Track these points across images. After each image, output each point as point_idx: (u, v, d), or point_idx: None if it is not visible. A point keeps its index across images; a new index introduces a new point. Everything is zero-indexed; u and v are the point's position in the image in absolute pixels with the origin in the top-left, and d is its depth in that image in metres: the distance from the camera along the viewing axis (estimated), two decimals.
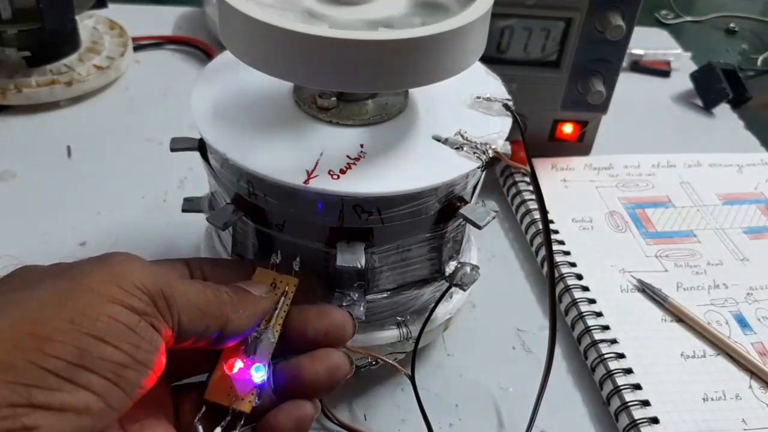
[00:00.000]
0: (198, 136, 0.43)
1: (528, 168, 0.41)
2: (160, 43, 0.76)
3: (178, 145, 0.43)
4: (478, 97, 0.42)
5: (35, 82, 0.65)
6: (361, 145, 0.38)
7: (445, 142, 0.39)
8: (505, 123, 0.41)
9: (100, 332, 0.27)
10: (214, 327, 0.32)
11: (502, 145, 0.39)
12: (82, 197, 0.57)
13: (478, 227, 0.39)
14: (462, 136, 0.39)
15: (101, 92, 0.69)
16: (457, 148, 0.39)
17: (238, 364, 0.33)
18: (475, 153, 0.38)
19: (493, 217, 0.40)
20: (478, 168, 0.38)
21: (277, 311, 0.35)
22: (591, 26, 0.56)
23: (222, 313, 0.32)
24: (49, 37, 0.65)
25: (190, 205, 0.46)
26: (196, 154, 0.43)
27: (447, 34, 0.34)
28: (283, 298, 0.36)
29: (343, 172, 0.36)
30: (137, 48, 0.74)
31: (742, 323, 0.51)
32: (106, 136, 0.64)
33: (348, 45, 0.33)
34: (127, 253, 0.32)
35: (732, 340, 0.49)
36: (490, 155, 0.38)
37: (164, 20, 0.81)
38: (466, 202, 0.40)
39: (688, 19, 0.97)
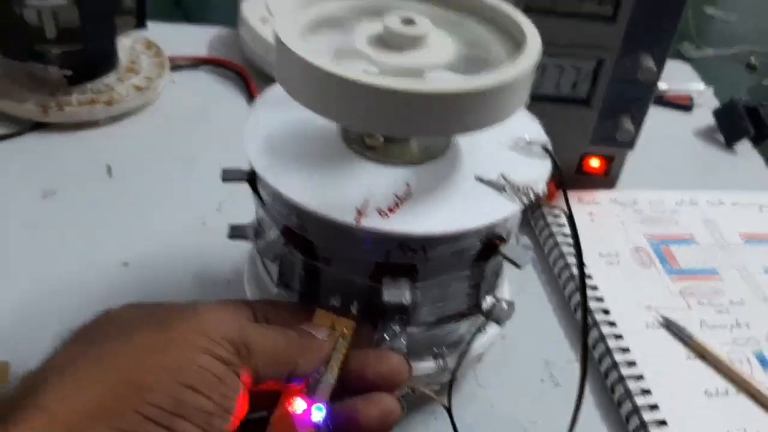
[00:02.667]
0: (246, 167, 0.44)
1: (567, 210, 0.42)
2: (195, 63, 0.78)
3: (230, 176, 0.45)
4: (519, 140, 0.44)
5: (76, 100, 0.67)
6: (408, 185, 0.39)
7: (488, 183, 0.41)
8: (545, 166, 0.42)
9: (193, 382, 0.29)
10: (285, 371, 0.34)
11: (542, 187, 0.41)
12: (123, 217, 0.59)
13: (519, 267, 0.40)
14: (504, 178, 0.41)
15: (139, 111, 0.70)
16: (499, 190, 0.40)
17: (300, 404, 0.35)
18: (516, 195, 0.40)
19: (532, 258, 0.41)
20: (521, 210, 0.40)
21: (335, 353, 0.37)
22: (622, 67, 0.58)
23: (292, 358, 0.34)
24: (90, 56, 0.66)
25: (237, 232, 0.47)
26: None
27: (494, 88, 0.35)
28: (341, 340, 0.37)
29: (391, 211, 0.38)
30: (173, 68, 0.76)
31: (764, 362, 0.52)
32: (144, 156, 0.66)
33: (396, 94, 0.34)
34: (211, 304, 0.34)
35: (754, 379, 0.50)
36: (532, 198, 0.40)
37: (199, 40, 0.83)
38: (506, 241, 0.42)
39: (710, 52, 0.98)
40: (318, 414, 0.35)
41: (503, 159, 0.43)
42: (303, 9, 0.41)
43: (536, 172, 0.42)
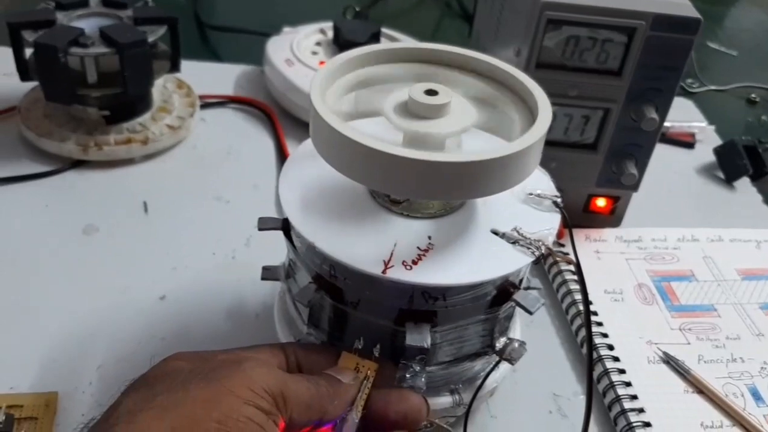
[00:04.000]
0: (274, 213, 0.48)
1: (574, 260, 0.46)
2: (223, 102, 0.82)
3: (266, 225, 0.49)
4: (530, 194, 0.48)
5: (113, 140, 0.71)
6: (429, 237, 0.44)
7: (503, 236, 0.44)
8: (555, 219, 0.46)
9: (240, 431, 0.33)
10: (316, 418, 0.38)
11: (552, 240, 0.45)
12: (159, 252, 0.63)
13: (530, 313, 0.45)
14: (518, 232, 0.45)
15: (172, 149, 0.75)
16: (513, 243, 0.44)
17: None
18: (529, 248, 0.44)
19: (542, 304, 0.45)
20: (532, 262, 0.44)
21: (359, 393, 0.41)
22: (627, 116, 0.62)
23: (323, 406, 0.39)
24: (127, 98, 0.70)
25: (269, 274, 0.52)
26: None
27: (511, 156, 0.39)
28: (365, 381, 0.41)
29: (414, 263, 0.42)
30: (203, 106, 0.80)
31: (756, 396, 0.56)
32: (177, 193, 0.70)
33: (420, 165, 0.38)
34: (254, 356, 0.39)
35: (746, 412, 0.54)
36: (543, 251, 0.44)
37: (225, 78, 0.87)
38: (518, 288, 0.46)
39: (712, 88, 1.02)
40: None
41: (516, 212, 0.47)
42: (336, 78, 0.45)
43: (546, 226, 0.45)
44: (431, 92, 0.43)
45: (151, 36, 0.68)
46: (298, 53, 0.82)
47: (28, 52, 0.69)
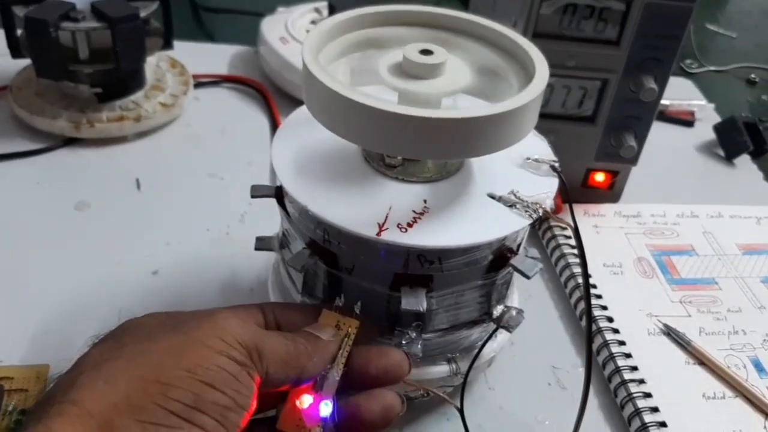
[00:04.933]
0: (273, 184, 0.48)
1: (573, 224, 0.45)
2: (217, 81, 0.81)
3: (258, 192, 0.48)
4: (528, 158, 0.47)
5: (106, 117, 0.70)
6: (425, 201, 0.43)
7: (499, 199, 0.44)
8: (552, 183, 0.46)
9: (211, 380, 0.33)
10: (294, 375, 0.37)
11: (550, 204, 0.44)
12: (152, 228, 0.62)
13: (527, 277, 0.44)
14: (515, 195, 0.44)
15: (165, 127, 0.74)
16: (510, 206, 0.43)
17: (307, 399, 0.38)
18: (526, 211, 0.43)
19: (540, 268, 0.44)
20: (529, 225, 0.43)
21: (341, 351, 0.40)
22: (625, 87, 0.61)
23: (300, 363, 0.38)
24: (120, 75, 0.70)
25: (262, 244, 0.51)
26: None
27: (506, 114, 0.38)
28: (346, 338, 0.41)
29: (410, 225, 0.41)
30: (196, 85, 0.79)
31: (759, 367, 0.55)
32: (171, 170, 0.69)
33: (415, 121, 0.37)
34: (227, 310, 0.38)
35: (749, 383, 0.53)
36: (540, 214, 0.43)
37: (220, 58, 0.86)
38: (515, 253, 0.45)
39: (711, 68, 1.02)
40: (326, 409, 0.38)
41: (513, 176, 0.46)
42: (331, 39, 0.44)
43: (544, 189, 0.45)
44: (426, 52, 0.42)
45: (143, 11, 0.68)
46: (293, 31, 0.81)
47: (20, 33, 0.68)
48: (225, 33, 0.96)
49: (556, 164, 0.46)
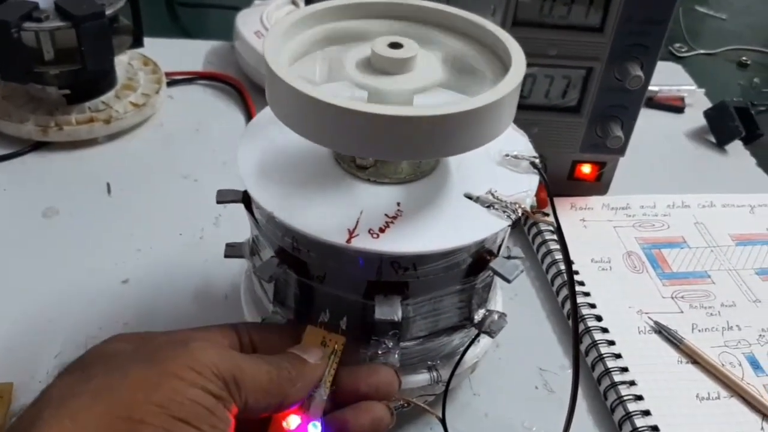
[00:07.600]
0: (241, 189, 0.45)
1: (555, 224, 0.43)
2: (192, 78, 0.79)
3: (224, 198, 0.46)
4: (507, 155, 0.45)
5: (75, 119, 0.68)
6: (398, 204, 0.40)
7: (477, 200, 0.41)
8: (533, 181, 0.43)
9: (185, 415, 0.31)
10: (275, 403, 0.35)
11: (529, 203, 0.42)
12: (123, 234, 0.60)
13: (508, 281, 0.42)
14: (492, 195, 0.41)
15: (137, 128, 0.72)
16: (488, 207, 0.41)
17: (295, 420, 0.36)
18: (505, 212, 0.41)
19: (521, 271, 0.42)
20: (508, 226, 0.41)
21: (327, 369, 0.38)
22: (610, 75, 0.59)
23: (282, 390, 0.35)
24: (87, 75, 0.67)
25: (232, 251, 0.49)
26: None
27: (482, 109, 0.36)
28: (332, 356, 0.38)
29: (382, 230, 0.39)
30: (170, 83, 0.77)
31: (755, 365, 0.53)
32: (143, 173, 0.67)
33: (386, 120, 0.35)
34: (201, 336, 0.35)
35: (745, 382, 0.51)
36: (520, 214, 0.41)
37: (194, 54, 0.84)
38: (495, 255, 0.43)
39: (701, 51, 0.99)
40: (314, 430, 0.36)
41: (491, 175, 0.43)
42: (294, 35, 0.42)
43: (524, 187, 0.42)
44: (396, 45, 0.40)
45: (109, 8, 0.65)
46: (269, 25, 0.79)
47: None
48: (201, 28, 0.94)
49: (537, 160, 0.44)
